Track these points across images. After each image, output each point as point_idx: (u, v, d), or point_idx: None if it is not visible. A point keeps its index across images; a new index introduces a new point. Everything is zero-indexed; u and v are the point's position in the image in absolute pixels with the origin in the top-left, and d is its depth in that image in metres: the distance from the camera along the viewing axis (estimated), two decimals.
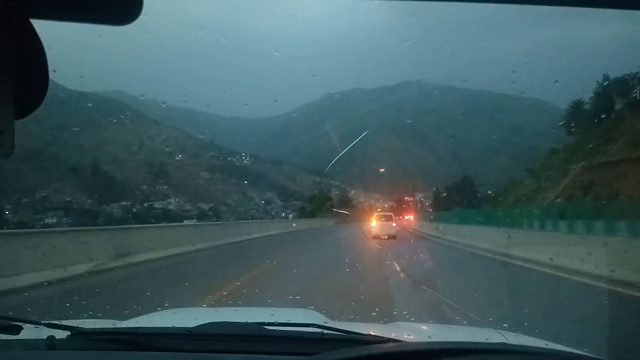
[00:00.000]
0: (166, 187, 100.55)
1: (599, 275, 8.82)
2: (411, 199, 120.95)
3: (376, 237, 21.90)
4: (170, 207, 74.04)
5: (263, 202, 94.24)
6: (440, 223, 30.66)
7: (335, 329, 1.51)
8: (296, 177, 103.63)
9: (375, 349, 0.52)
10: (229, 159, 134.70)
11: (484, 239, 16.85)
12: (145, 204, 77.82)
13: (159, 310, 2.86)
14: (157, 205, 76.82)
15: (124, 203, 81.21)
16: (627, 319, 6.01)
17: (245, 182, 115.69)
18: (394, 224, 23.55)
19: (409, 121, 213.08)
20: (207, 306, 6.02)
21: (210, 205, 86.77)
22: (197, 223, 25.56)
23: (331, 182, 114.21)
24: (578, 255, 9.71)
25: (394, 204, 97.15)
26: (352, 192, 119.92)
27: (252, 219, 67.43)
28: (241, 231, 22.00)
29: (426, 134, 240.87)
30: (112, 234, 12.59)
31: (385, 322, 2.80)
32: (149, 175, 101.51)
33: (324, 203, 58.49)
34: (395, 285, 8.73)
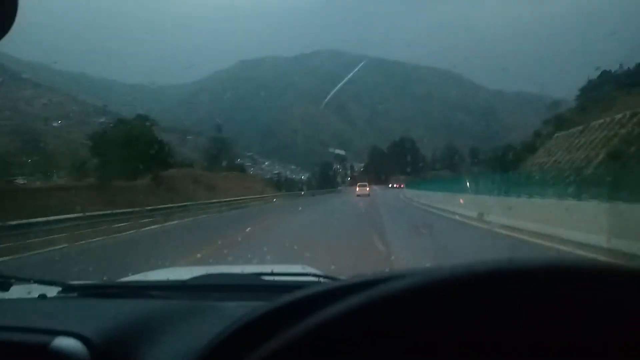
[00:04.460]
0: (36, 158, 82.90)
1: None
2: (338, 168, 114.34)
3: (359, 195, 35.72)
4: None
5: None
6: None
7: (332, 277, 1.54)
8: (201, 146, 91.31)
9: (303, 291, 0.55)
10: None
11: None
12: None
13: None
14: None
15: None
16: None
17: None
18: (368, 189, 39.15)
19: (325, 89, 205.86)
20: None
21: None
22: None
23: (245, 152, 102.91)
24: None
25: (316, 173, 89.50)
26: (266, 163, 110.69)
27: None
28: None
29: (343, 103, 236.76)
30: None
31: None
32: (15, 143, 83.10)
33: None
34: None
